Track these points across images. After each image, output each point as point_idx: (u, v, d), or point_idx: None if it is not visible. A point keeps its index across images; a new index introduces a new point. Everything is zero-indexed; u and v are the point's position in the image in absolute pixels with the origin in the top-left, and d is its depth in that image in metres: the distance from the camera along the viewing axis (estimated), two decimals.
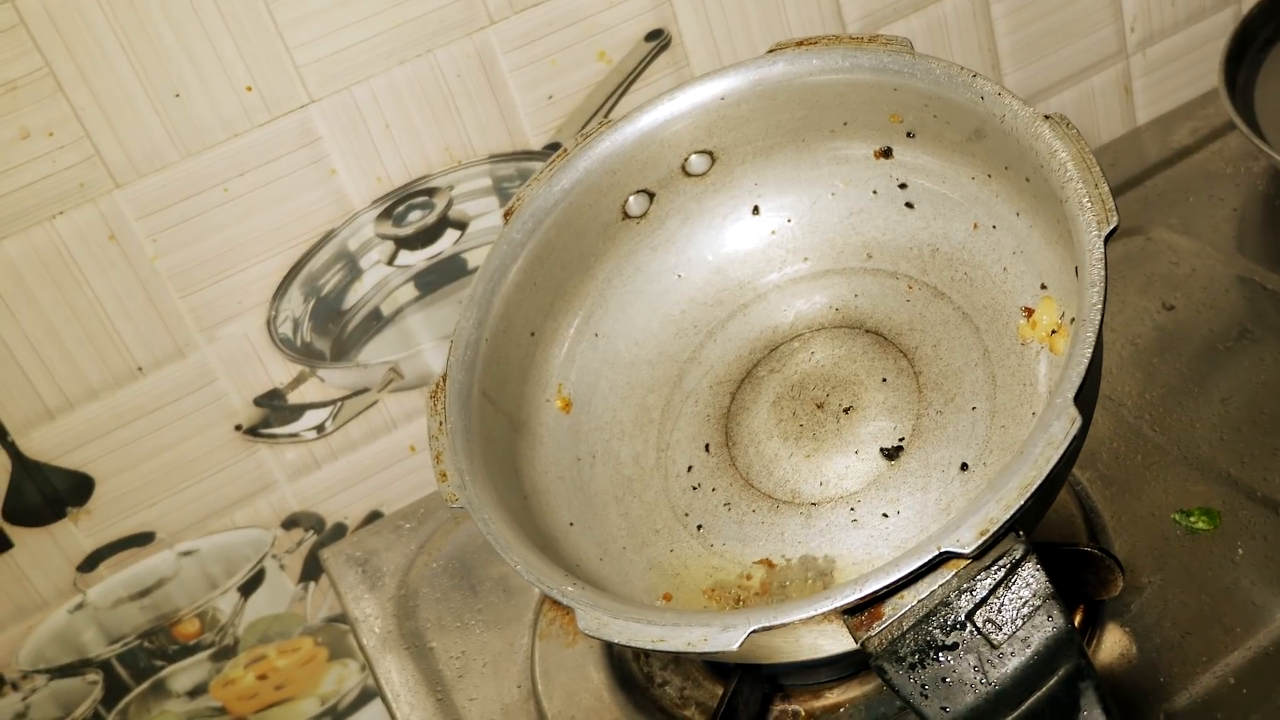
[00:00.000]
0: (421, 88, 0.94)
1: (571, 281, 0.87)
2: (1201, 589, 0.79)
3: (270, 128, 0.91)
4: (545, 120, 0.99)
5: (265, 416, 1.00)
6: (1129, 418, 0.91)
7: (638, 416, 0.87)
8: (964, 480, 0.77)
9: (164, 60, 0.86)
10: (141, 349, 0.94)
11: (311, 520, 1.06)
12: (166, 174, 0.90)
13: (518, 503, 0.79)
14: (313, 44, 0.90)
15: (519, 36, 0.96)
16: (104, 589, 1.01)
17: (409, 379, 1.04)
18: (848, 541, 0.78)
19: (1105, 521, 0.85)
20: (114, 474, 0.97)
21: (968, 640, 0.63)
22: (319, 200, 0.95)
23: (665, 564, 0.81)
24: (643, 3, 0.99)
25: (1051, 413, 0.64)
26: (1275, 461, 0.85)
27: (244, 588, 1.05)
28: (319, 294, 0.98)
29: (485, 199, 1.00)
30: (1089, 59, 1.20)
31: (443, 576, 0.96)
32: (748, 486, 0.82)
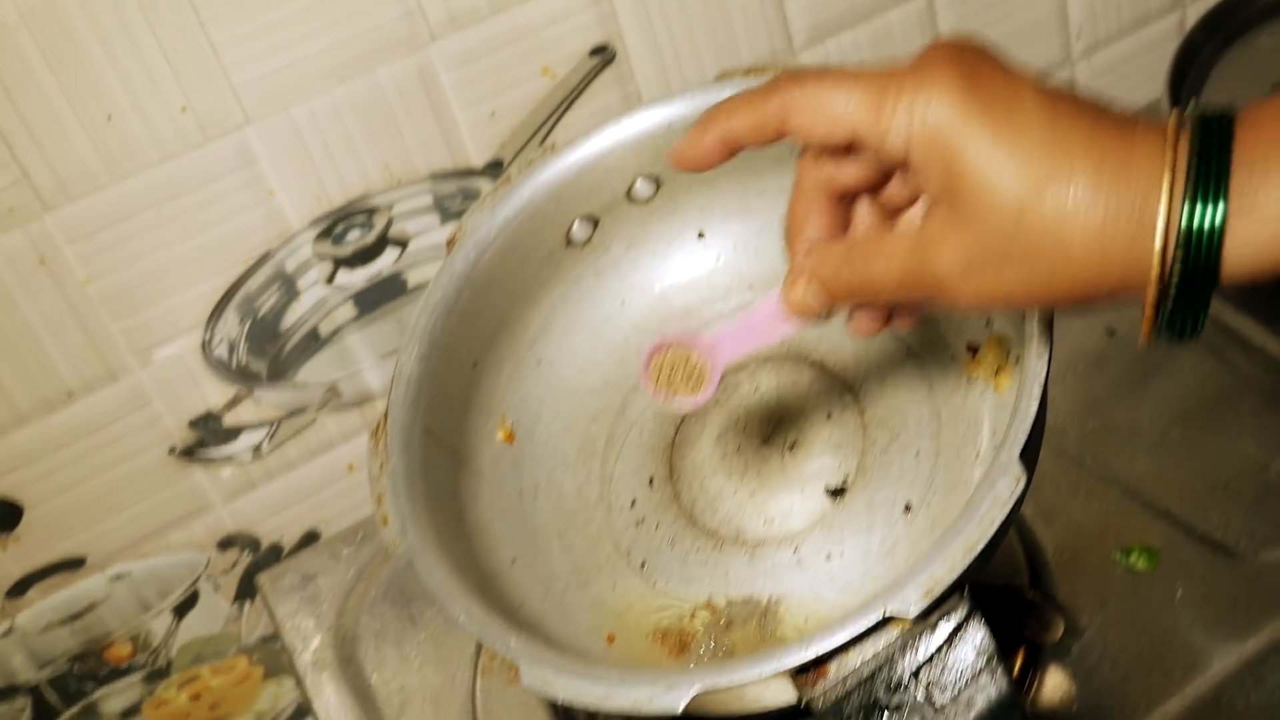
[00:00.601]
0: (362, 106, 0.92)
1: (515, 309, 0.86)
2: (1141, 631, 0.80)
3: (206, 149, 0.89)
4: (488, 137, 0.98)
5: (200, 438, 0.98)
6: (1070, 450, 0.91)
7: (581, 447, 0.86)
8: (908, 522, 0.77)
9: (95, 82, 0.84)
10: (72, 373, 0.92)
11: (247, 541, 1.04)
12: (98, 197, 0.87)
13: (460, 542, 0.78)
14: (250, 63, 0.88)
15: (461, 53, 0.94)
16: (33, 614, 0.99)
17: (347, 398, 1.02)
18: (792, 582, 0.78)
19: (1047, 558, 0.85)
20: (44, 500, 0.95)
21: (912, 701, 0.64)
22: (256, 221, 0.93)
23: (608, 602, 0.80)
24: (587, 18, 0.97)
25: (997, 469, 0.64)
26: (1214, 498, 0.86)
27: (178, 609, 1.04)
28: (255, 315, 0.96)
29: (426, 217, 0.99)
30: (1035, 66, 1.18)
31: (382, 605, 0.95)
32: (692, 523, 0.81)
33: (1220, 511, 0.85)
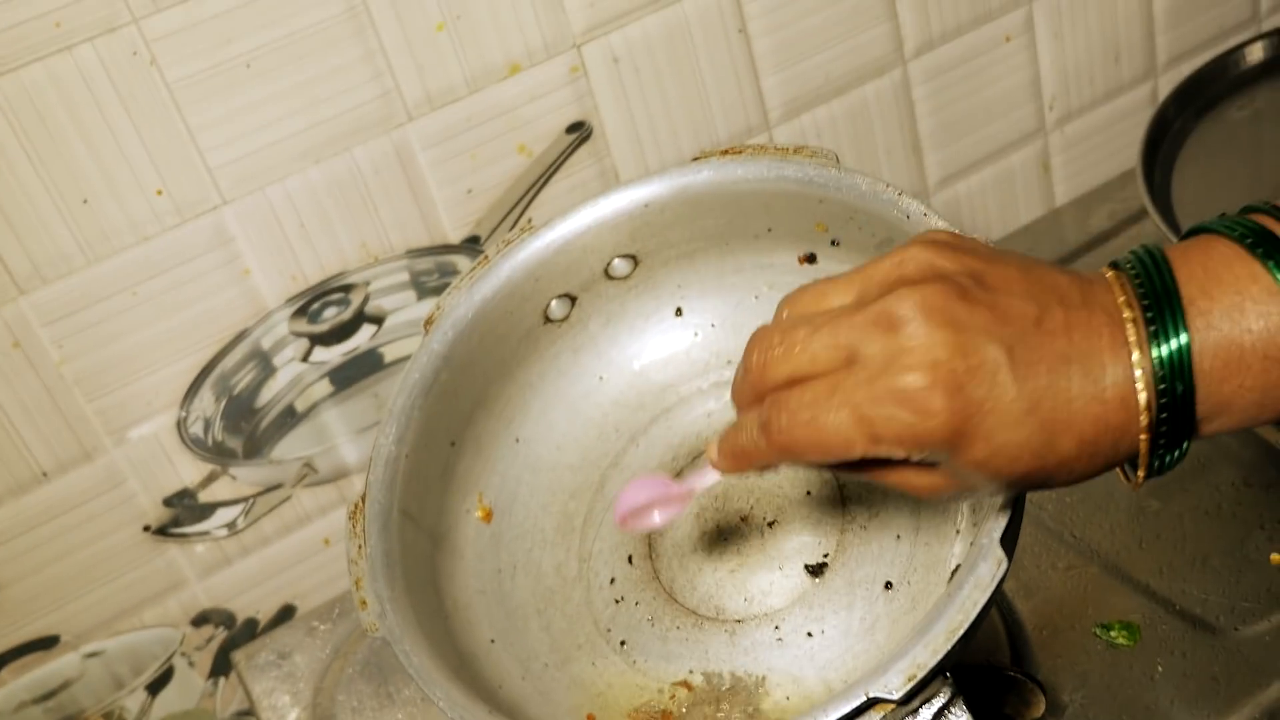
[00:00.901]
0: (338, 185, 0.93)
1: (493, 388, 0.86)
2: (1123, 708, 0.80)
3: (181, 230, 0.89)
4: (464, 214, 0.98)
5: (175, 516, 0.98)
6: (1049, 523, 0.91)
7: (559, 524, 0.86)
8: (888, 599, 0.77)
9: (71, 167, 0.84)
10: (46, 454, 0.91)
11: (222, 616, 1.03)
12: (73, 279, 0.88)
13: (439, 623, 0.77)
14: (226, 145, 0.88)
15: (438, 132, 0.94)
16: (6, 693, 0.98)
17: (323, 473, 1.02)
18: (772, 660, 0.77)
19: (1027, 634, 0.85)
20: (17, 579, 0.94)
21: None
22: (232, 300, 0.93)
23: (588, 681, 0.80)
24: (564, 95, 0.98)
25: (978, 553, 0.64)
26: (1193, 572, 0.86)
27: (152, 686, 1.03)
28: (231, 393, 0.96)
29: (403, 293, 0.99)
30: (1008, 137, 1.20)
31: (359, 682, 0.94)
32: (671, 601, 0.81)
33: (1199, 586, 0.85)
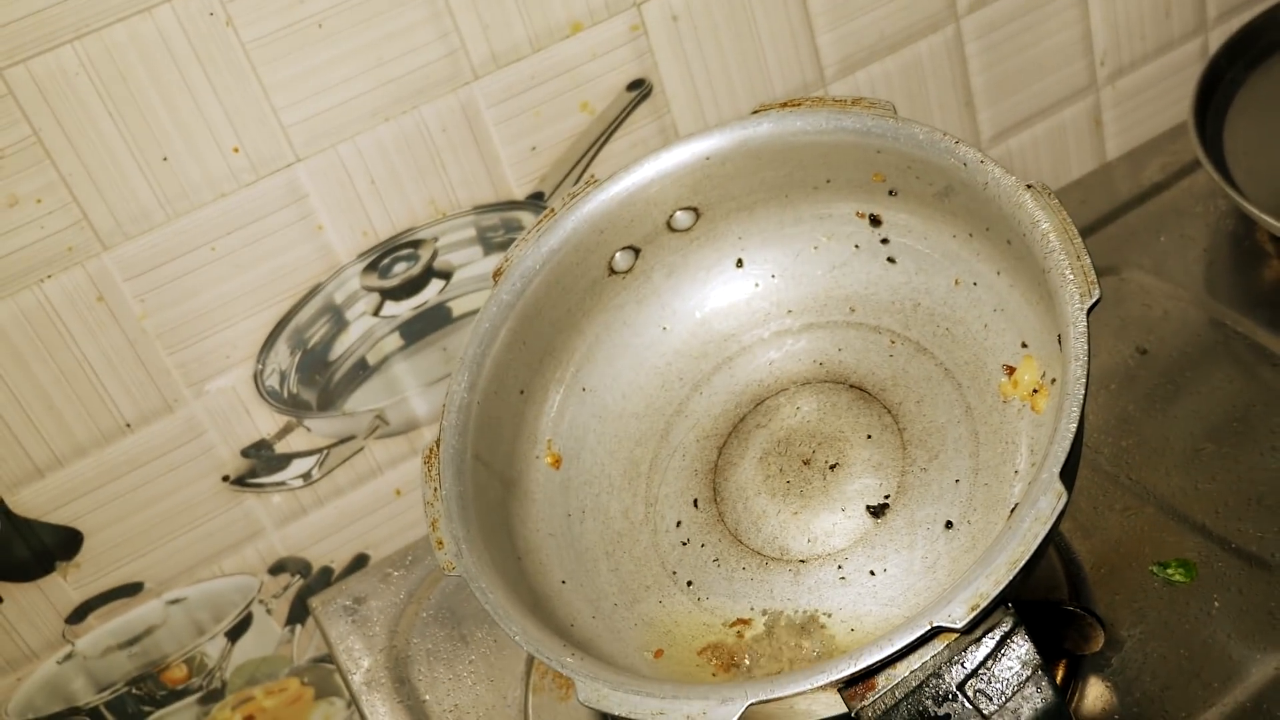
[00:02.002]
0: (406, 143, 0.95)
1: (560, 338, 0.88)
2: (1180, 643, 0.81)
3: (257, 187, 0.92)
4: (529, 170, 1.00)
5: (252, 467, 1.01)
6: (1106, 467, 0.93)
7: (626, 470, 0.88)
8: (949, 539, 0.79)
9: (151, 125, 0.87)
10: (130, 406, 0.94)
11: (298, 565, 1.06)
12: (153, 235, 0.90)
13: (512, 564, 0.80)
14: (299, 104, 0.91)
15: (503, 90, 0.96)
16: (92, 639, 1.01)
17: (395, 425, 1.05)
18: (836, 599, 0.79)
19: (1085, 573, 0.86)
20: (102, 528, 0.97)
21: (959, 711, 0.65)
22: (305, 256, 0.96)
23: (656, 620, 0.82)
24: (624, 54, 1.00)
25: (1038, 488, 0.65)
26: (1249, 512, 0.87)
27: (231, 633, 1.06)
28: (305, 346, 0.99)
29: (470, 249, 1.01)
30: (1060, 93, 1.21)
31: (433, 626, 0.97)
32: (736, 543, 0.83)
33: (1255, 524, 0.86)
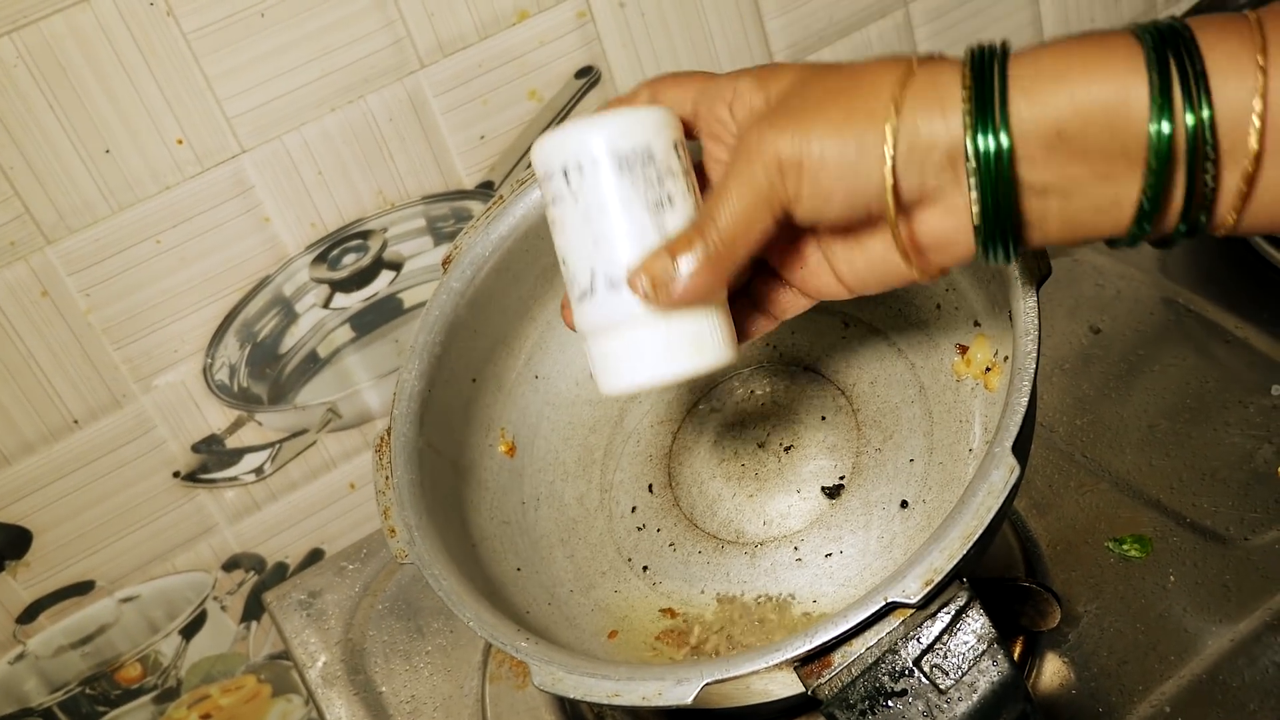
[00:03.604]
0: (353, 133, 0.94)
1: (511, 325, 0.88)
2: (1136, 617, 0.82)
3: (202, 179, 0.91)
4: (478, 159, 1.00)
5: (203, 462, 1.00)
6: (1060, 444, 0.93)
7: (580, 457, 0.88)
8: (904, 518, 0.79)
9: (93, 117, 0.86)
10: (77, 401, 0.93)
11: (252, 561, 1.05)
12: (97, 229, 0.89)
13: (466, 551, 0.79)
14: (243, 95, 0.90)
15: (450, 79, 0.96)
16: (44, 638, 1.00)
17: (347, 418, 1.04)
18: (792, 580, 0.79)
19: (1041, 550, 0.87)
20: (52, 526, 0.96)
21: (916, 686, 0.65)
22: (253, 248, 0.95)
23: (612, 606, 0.82)
24: (572, 40, 0.99)
25: (991, 462, 0.65)
26: (1203, 487, 0.87)
27: (186, 630, 1.05)
28: (255, 339, 0.98)
29: (420, 239, 1.00)
30: None
31: (389, 619, 0.96)
32: (692, 527, 0.83)
33: (1209, 499, 0.87)
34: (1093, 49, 0.54)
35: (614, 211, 0.64)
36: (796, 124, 0.58)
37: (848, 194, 0.58)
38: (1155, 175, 0.53)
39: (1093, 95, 0.53)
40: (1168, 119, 0.52)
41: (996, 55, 0.55)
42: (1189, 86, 0.52)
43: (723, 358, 0.66)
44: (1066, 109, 0.54)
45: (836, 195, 0.58)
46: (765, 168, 0.59)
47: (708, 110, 0.65)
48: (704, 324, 0.65)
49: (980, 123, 0.54)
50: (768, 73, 0.63)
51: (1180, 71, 0.52)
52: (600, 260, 0.64)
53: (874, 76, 0.57)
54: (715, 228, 0.61)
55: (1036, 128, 0.54)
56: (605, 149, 0.63)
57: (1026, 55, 0.55)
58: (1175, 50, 0.53)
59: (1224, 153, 0.53)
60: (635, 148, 0.63)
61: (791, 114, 0.58)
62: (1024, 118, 0.54)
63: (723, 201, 0.61)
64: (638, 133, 0.63)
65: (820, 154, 0.57)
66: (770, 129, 0.59)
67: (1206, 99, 0.52)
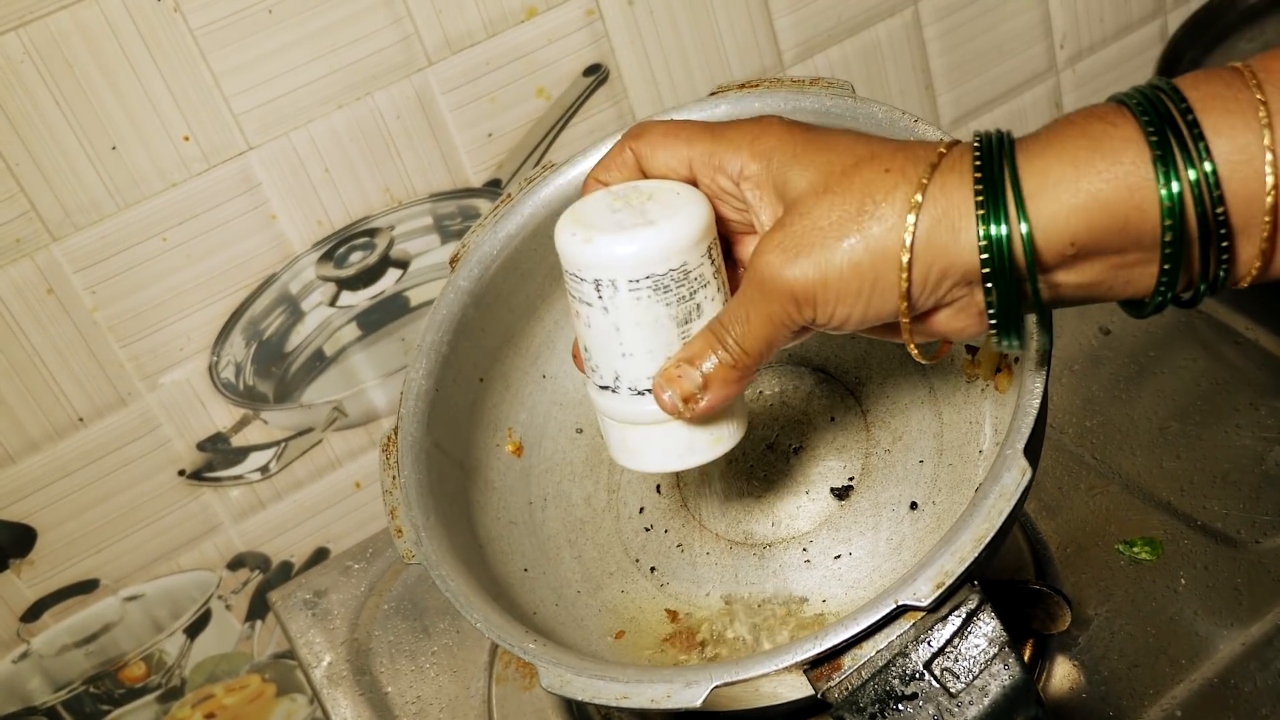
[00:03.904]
0: (360, 130, 0.94)
1: (519, 324, 0.87)
2: (1147, 620, 0.81)
3: (209, 176, 0.90)
4: (485, 157, 0.99)
5: (209, 460, 0.99)
6: (1070, 446, 0.92)
7: (588, 457, 0.88)
8: (914, 519, 0.78)
9: (99, 114, 0.85)
10: (82, 399, 0.93)
11: (257, 560, 1.05)
12: (104, 226, 0.89)
13: (473, 552, 0.79)
14: (250, 92, 0.89)
15: (458, 76, 0.95)
16: (48, 637, 1.00)
17: (353, 417, 1.03)
18: (801, 582, 0.79)
19: (1051, 553, 0.86)
20: (57, 524, 0.96)
21: (926, 690, 0.65)
22: (259, 245, 0.94)
23: (620, 607, 0.81)
24: (580, 38, 0.99)
25: (1002, 464, 0.65)
26: (1214, 489, 0.87)
27: (190, 629, 1.05)
28: (261, 337, 0.97)
29: (427, 237, 1.00)
30: (1020, 76, 1.21)
31: (394, 618, 0.96)
32: (700, 528, 0.82)
33: (1220, 502, 0.86)
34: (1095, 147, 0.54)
35: (645, 331, 0.64)
36: (811, 259, 0.58)
37: (863, 317, 0.59)
38: (1172, 247, 0.54)
39: (1103, 203, 0.54)
40: (1175, 179, 0.52)
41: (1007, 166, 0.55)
42: (1186, 146, 0.52)
43: (736, 440, 0.69)
44: (1080, 227, 0.54)
45: (853, 318, 0.59)
46: (782, 303, 0.60)
47: (709, 179, 0.65)
48: (722, 419, 0.68)
49: (995, 251, 0.55)
50: (763, 144, 0.62)
51: (1177, 136, 0.52)
52: (625, 370, 0.65)
53: (885, 196, 0.57)
54: (739, 349, 0.63)
55: (1049, 245, 0.55)
56: (642, 272, 0.63)
57: (1033, 165, 0.55)
58: (1170, 118, 0.53)
59: (1234, 200, 0.53)
60: (672, 268, 0.63)
61: (805, 246, 0.58)
62: (1038, 237, 0.54)
63: (744, 325, 0.62)
64: (675, 254, 0.63)
65: (837, 292, 0.58)
66: (786, 265, 0.59)
67: (1206, 153, 0.52)
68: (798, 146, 0.61)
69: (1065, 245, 0.54)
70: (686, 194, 0.64)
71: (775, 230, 0.60)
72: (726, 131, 0.64)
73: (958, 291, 0.58)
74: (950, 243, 0.56)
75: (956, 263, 0.56)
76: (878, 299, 0.58)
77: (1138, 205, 0.53)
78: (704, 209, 0.64)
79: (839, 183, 0.59)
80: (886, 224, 0.57)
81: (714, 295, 0.65)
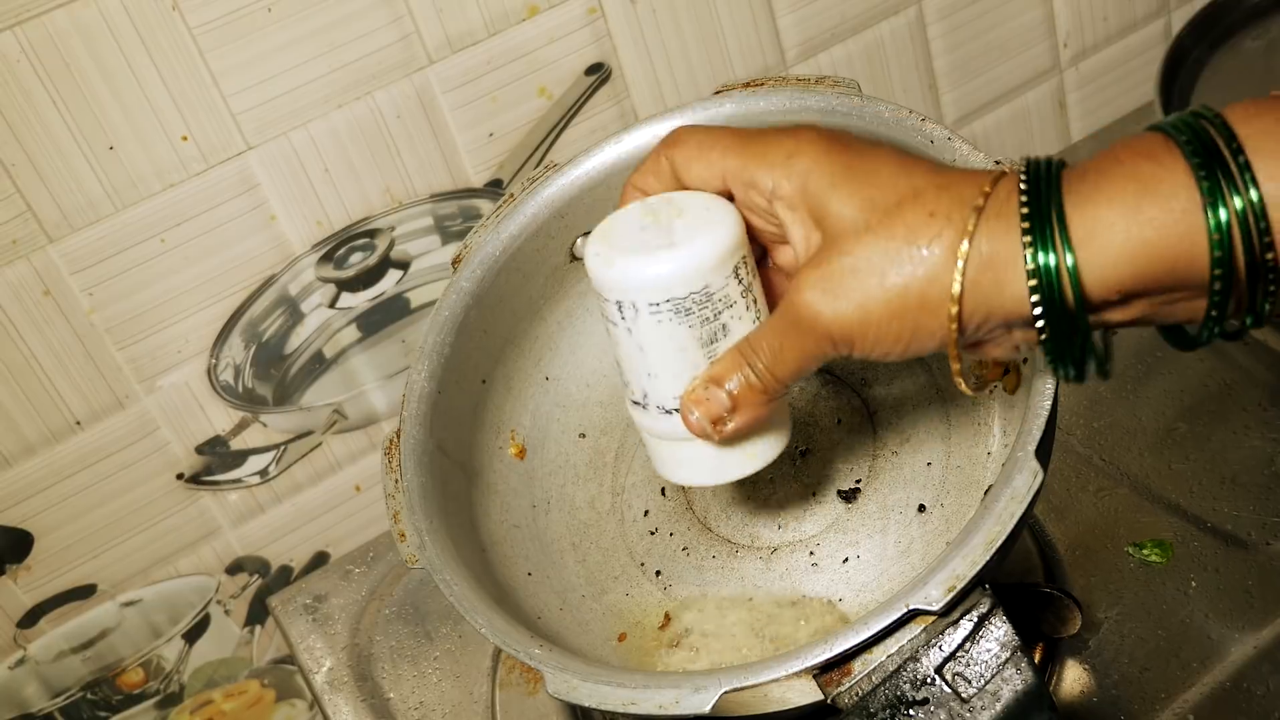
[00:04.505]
0: (361, 130, 0.93)
1: (521, 326, 0.86)
2: (1157, 624, 0.80)
3: (207, 176, 0.90)
4: (487, 158, 0.98)
5: (207, 464, 0.98)
6: (1078, 448, 0.92)
7: (591, 460, 0.87)
8: (922, 522, 0.77)
9: (97, 113, 0.85)
10: (79, 403, 0.92)
11: (256, 564, 1.04)
12: (101, 227, 0.88)
13: (476, 556, 0.78)
14: (248, 91, 0.88)
15: (459, 75, 0.95)
16: (45, 643, 0.99)
17: (353, 420, 1.03)
18: (809, 585, 0.78)
19: (1060, 556, 0.86)
20: (54, 529, 0.95)
21: (938, 695, 0.64)
22: (259, 246, 0.93)
23: (625, 611, 0.80)
24: (582, 37, 0.98)
25: (1013, 466, 0.64)
26: (1223, 491, 0.86)
27: (188, 634, 1.04)
28: (260, 340, 0.96)
29: (427, 238, 0.99)
30: (1023, 75, 1.20)
31: (396, 623, 0.95)
32: (705, 531, 0.82)
33: (1230, 503, 0.86)
34: (1145, 191, 0.53)
35: (668, 353, 0.64)
36: (851, 301, 0.58)
37: (900, 355, 0.59)
38: (1222, 282, 0.53)
39: (1153, 249, 0.53)
40: (1224, 211, 0.52)
41: (1055, 212, 0.54)
42: (1231, 176, 0.52)
43: (776, 453, 0.68)
44: (1128, 273, 0.54)
45: (890, 356, 0.59)
46: (817, 341, 0.59)
47: (743, 193, 0.64)
48: (757, 435, 0.67)
49: (1046, 297, 0.54)
50: (799, 164, 0.61)
51: (1226, 176, 0.52)
52: (652, 390, 0.65)
53: (930, 243, 0.56)
54: (769, 375, 0.62)
55: (1097, 289, 0.54)
56: (662, 295, 0.62)
57: (1082, 211, 0.54)
58: (1220, 157, 0.52)
59: None
60: (693, 291, 0.62)
61: (845, 288, 0.58)
62: (1086, 281, 0.54)
63: (775, 355, 0.62)
64: (696, 278, 0.62)
65: (877, 336, 0.58)
66: (824, 305, 0.58)
67: (1253, 183, 0.52)
68: (836, 172, 0.59)
69: (1113, 291, 0.54)
70: (718, 210, 0.63)
71: (813, 266, 0.59)
72: (761, 145, 0.63)
73: (997, 332, 0.58)
74: (994, 292, 0.55)
75: (999, 310, 0.56)
76: (917, 343, 0.58)
77: (1187, 250, 0.53)
78: (732, 229, 0.63)
79: (881, 223, 0.57)
80: (931, 272, 0.56)
81: (742, 314, 0.64)
